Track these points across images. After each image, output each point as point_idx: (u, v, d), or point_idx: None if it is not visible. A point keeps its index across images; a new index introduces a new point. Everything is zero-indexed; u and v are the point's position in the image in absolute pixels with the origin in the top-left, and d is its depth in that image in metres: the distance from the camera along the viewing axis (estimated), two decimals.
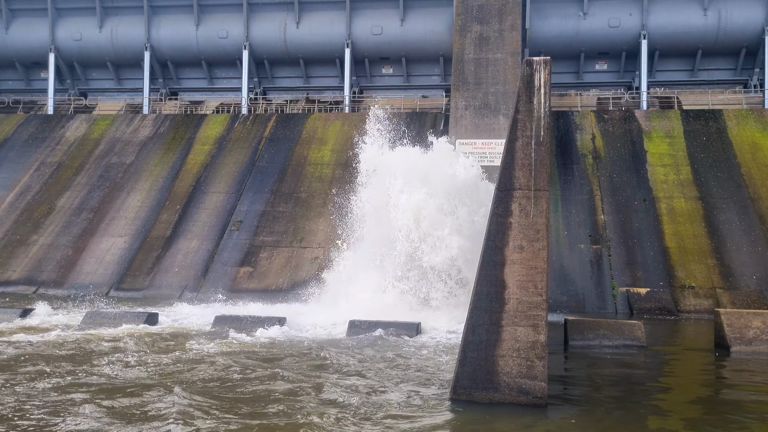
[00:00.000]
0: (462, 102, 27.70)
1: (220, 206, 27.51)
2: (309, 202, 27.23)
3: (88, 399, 8.25)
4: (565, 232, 24.92)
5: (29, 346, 12.31)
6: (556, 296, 22.86)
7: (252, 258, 25.35)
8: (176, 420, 7.30)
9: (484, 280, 8.08)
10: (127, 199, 28.27)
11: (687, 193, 25.39)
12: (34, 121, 33.36)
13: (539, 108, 8.02)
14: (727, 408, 8.91)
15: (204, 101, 35.20)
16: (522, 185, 8.01)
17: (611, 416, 8.05)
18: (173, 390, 8.62)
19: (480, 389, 8.00)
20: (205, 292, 23.79)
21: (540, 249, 7.96)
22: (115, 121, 32.69)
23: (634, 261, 23.59)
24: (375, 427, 7.29)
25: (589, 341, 13.84)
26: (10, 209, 28.45)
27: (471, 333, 8.07)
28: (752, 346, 12.95)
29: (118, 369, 10.24)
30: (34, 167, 30.47)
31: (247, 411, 7.88)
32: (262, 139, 30.45)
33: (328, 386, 9.25)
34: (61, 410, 7.72)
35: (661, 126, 28.16)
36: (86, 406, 7.85)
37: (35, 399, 8.25)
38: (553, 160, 27.63)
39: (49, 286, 24.77)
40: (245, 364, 10.95)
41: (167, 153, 30.36)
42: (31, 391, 8.65)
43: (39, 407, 7.84)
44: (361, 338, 14.17)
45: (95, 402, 8.08)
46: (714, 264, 23.04)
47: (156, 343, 12.98)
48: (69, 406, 7.93)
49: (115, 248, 26.18)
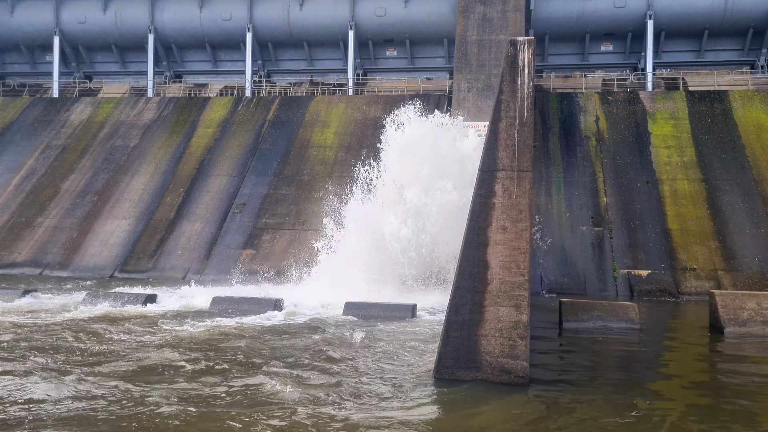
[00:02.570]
0: (465, 84, 27.60)
1: (224, 189, 27.64)
2: (312, 185, 27.30)
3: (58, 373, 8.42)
4: (567, 214, 24.88)
5: (24, 326, 12.51)
6: (557, 278, 22.91)
7: (255, 240, 25.50)
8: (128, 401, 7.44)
9: (467, 261, 8.13)
10: (131, 182, 28.45)
11: (690, 175, 25.24)
12: (40, 105, 33.53)
13: (523, 88, 8.00)
14: (714, 387, 8.96)
15: (208, 84, 35.22)
16: (505, 166, 8.02)
17: (593, 395, 8.12)
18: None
19: (463, 368, 8.08)
20: (209, 274, 24.03)
21: (523, 229, 7.98)
22: (119, 104, 32.81)
23: (636, 243, 23.54)
24: (357, 404, 7.39)
25: (584, 322, 13.88)
26: (16, 192, 28.71)
27: (454, 313, 8.14)
28: (746, 328, 12.95)
29: (91, 345, 10.41)
30: (39, 150, 30.68)
31: (231, 385, 8.00)
32: (266, 122, 30.49)
33: (314, 365, 9.38)
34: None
35: (666, 107, 27.95)
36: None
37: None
38: (556, 142, 27.54)
39: (54, 268, 25.04)
40: (236, 344, 11.09)
41: (171, 136, 30.47)
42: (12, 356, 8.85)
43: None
44: (356, 319, 14.29)
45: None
46: (716, 246, 22.96)
47: (148, 324, 13.14)
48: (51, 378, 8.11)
49: (119, 230, 26.40)
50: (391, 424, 6.74)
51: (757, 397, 8.31)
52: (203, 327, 12.84)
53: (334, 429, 6.52)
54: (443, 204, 19.78)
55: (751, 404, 7.93)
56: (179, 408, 7.12)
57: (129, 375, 8.65)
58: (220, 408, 7.19)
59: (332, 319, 14.44)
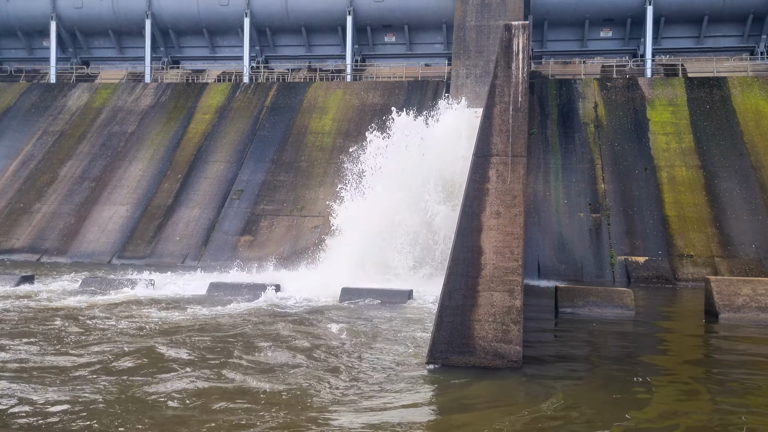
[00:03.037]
0: (463, 70, 27.50)
1: (222, 175, 27.62)
2: (309, 171, 27.28)
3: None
4: (565, 201, 24.89)
5: (20, 311, 12.54)
6: (554, 264, 22.95)
7: (253, 227, 25.52)
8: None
9: (460, 246, 8.14)
10: (129, 168, 28.42)
11: (688, 161, 25.23)
12: (37, 90, 33.43)
13: (517, 73, 7.98)
14: (708, 367, 9.00)
15: (206, 70, 35.09)
16: (499, 151, 8.01)
17: (587, 378, 8.16)
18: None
19: (456, 353, 8.11)
20: (206, 260, 24.07)
21: (516, 215, 7.99)
22: (116, 90, 32.70)
23: (634, 230, 23.57)
24: (349, 388, 7.43)
25: (579, 308, 13.92)
26: (13, 178, 28.68)
27: (447, 298, 8.16)
28: (740, 313, 12.99)
29: (79, 330, 10.45)
30: (36, 136, 30.62)
31: (222, 370, 8.05)
32: (264, 108, 30.41)
33: (307, 349, 9.41)
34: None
35: (665, 94, 27.88)
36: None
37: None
38: (554, 128, 27.50)
39: (53, 253, 25.08)
40: (230, 329, 11.13)
41: (169, 122, 30.40)
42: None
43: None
44: (352, 305, 14.33)
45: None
46: (713, 233, 22.99)
47: (143, 309, 13.17)
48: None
49: (117, 217, 26.41)
50: (384, 407, 6.78)
51: (750, 376, 8.38)
52: (198, 312, 12.87)
53: (325, 413, 6.56)
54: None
55: (745, 381, 7.99)
56: (164, 395, 7.16)
57: (119, 360, 8.68)
58: (213, 393, 7.22)
59: (328, 304, 14.48)
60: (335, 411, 6.64)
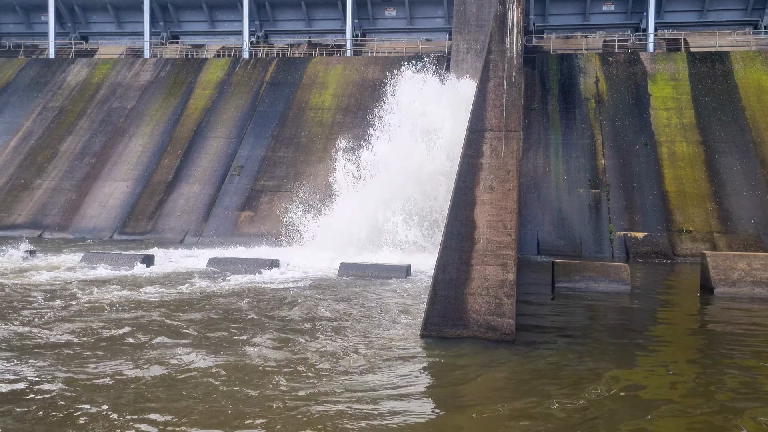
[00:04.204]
0: (463, 45, 27.31)
1: (222, 151, 27.62)
2: (309, 147, 27.26)
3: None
4: (564, 177, 24.88)
5: (20, 286, 12.67)
6: (553, 240, 23.02)
7: (253, 202, 25.58)
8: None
9: (454, 221, 8.19)
10: (129, 144, 28.42)
11: (689, 137, 25.15)
12: (36, 66, 33.30)
13: (512, 48, 7.96)
14: (697, 340, 9.12)
15: (205, 45, 34.89)
16: (493, 126, 8.03)
17: (579, 351, 8.26)
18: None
19: (449, 326, 8.21)
20: (207, 236, 24.19)
21: (510, 189, 8.03)
22: (116, 65, 32.57)
23: (633, 205, 23.59)
24: (343, 361, 7.54)
25: (576, 283, 14.01)
26: (14, 153, 28.71)
27: (441, 272, 8.24)
28: (735, 288, 13.08)
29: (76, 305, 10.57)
30: (36, 112, 30.57)
31: (219, 343, 8.16)
32: (263, 83, 30.29)
33: (304, 323, 9.53)
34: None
35: (667, 69, 27.70)
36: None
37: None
38: (555, 104, 27.38)
39: (54, 229, 25.20)
40: (228, 303, 11.25)
41: (168, 97, 30.31)
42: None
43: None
44: (350, 279, 14.44)
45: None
46: (713, 208, 23.01)
47: (142, 284, 13.30)
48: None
49: (117, 192, 26.48)
50: (378, 379, 6.89)
51: (743, 343, 8.50)
52: (198, 287, 12.99)
53: (318, 386, 6.67)
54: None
55: (735, 349, 8.09)
56: (163, 370, 7.28)
57: (115, 333, 8.80)
58: (212, 366, 7.34)
59: (326, 279, 14.59)
60: (329, 382, 6.75)
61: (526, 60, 28.68)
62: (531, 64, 28.67)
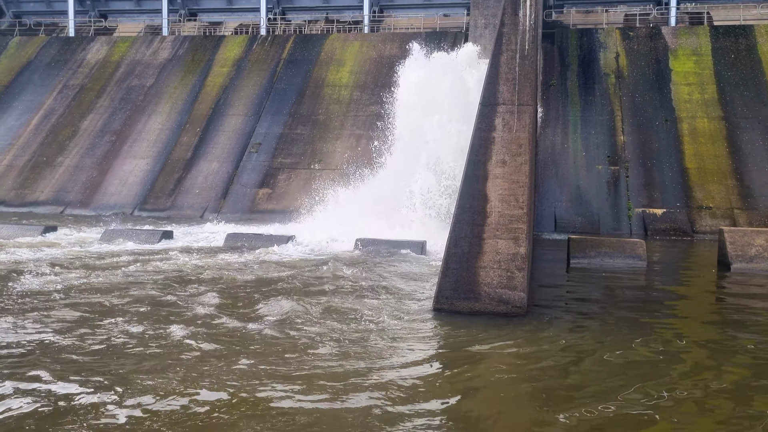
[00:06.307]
0: (482, 20, 27.06)
1: (239, 128, 27.75)
2: (327, 125, 27.29)
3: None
4: (583, 153, 24.70)
5: (40, 259, 12.95)
6: (571, 217, 22.94)
7: (271, 179, 25.74)
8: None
9: (466, 194, 8.23)
10: (148, 122, 28.65)
11: (711, 112, 24.79)
12: (56, 44, 33.56)
13: (525, 20, 7.91)
14: (710, 313, 9.11)
15: (223, 22, 34.89)
16: (506, 100, 8.01)
17: (588, 325, 8.31)
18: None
19: (461, 299, 8.29)
20: (225, 213, 24.43)
21: (522, 163, 8.03)
22: (134, 43, 32.73)
23: (652, 182, 23.39)
24: (355, 333, 7.66)
25: (591, 259, 14.00)
26: (36, 131, 29.10)
27: (453, 245, 8.29)
28: (753, 264, 12.99)
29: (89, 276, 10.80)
30: (57, 90, 30.89)
31: (231, 317, 8.32)
32: (281, 60, 30.28)
33: (319, 296, 9.66)
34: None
35: (689, 43, 27.23)
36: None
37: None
38: (574, 80, 27.09)
39: (76, 206, 25.60)
40: (245, 277, 11.42)
41: (186, 75, 30.45)
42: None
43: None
44: (366, 255, 14.55)
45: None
46: (733, 184, 22.75)
47: (162, 259, 13.52)
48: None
49: (138, 170, 26.78)
50: (390, 351, 7.00)
51: (758, 318, 8.48)
52: (216, 262, 13.19)
53: (329, 356, 6.79)
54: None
55: (747, 321, 8.08)
56: (179, 340, 7.44)
57: (136, 306, 9.00)
58: (226, 341, 7.50)
59: (342, 254, 14.72)
60: (338, 354, 6.87)
61: (545, 35, 28.35)
62: (550, 39, 28.34)
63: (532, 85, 8.01)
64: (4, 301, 9.01)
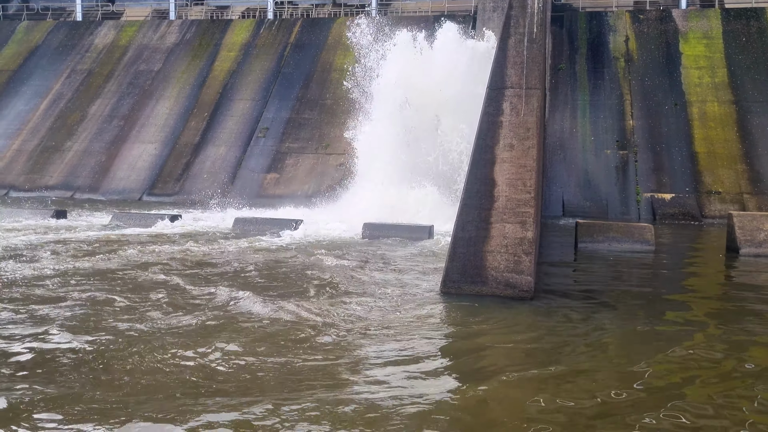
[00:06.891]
0: (490, 3, 26.87)
1: (247, 113, 27.75)
2: (334, 109, 27.23)
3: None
4: (591, 138, 24.58)
5: (50, 242, 13.05)
6: (579, 202, 22.89)
7: (278, 164, 25.78)
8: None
9: (474, 178, 8.22)
10: (156, 107, 28.69)
11: (721, 96, 24.59)
12: (64, 28, 33.57)
13: (533, 3, 7.86)
14: (719, 302, 9.11)
15: (230, 6, 34.73)
16: (513, 83, 7.98)
17: (594, 308, 8.32)
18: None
19: (468, 283, 8.31)
20: (233, 197, 24.44)
21: (530, 147, 8.01)
22: (142, 28, 32.69)
23: (661, 166, 23.28)
24: (364, 315, 7.71)
25: (599, 243, 13.98)
26: (44, 116, 29.19)
27: (461, 229, 8.30)
28: (762, 248, 12.94)
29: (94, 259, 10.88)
30: (65, 75, 30.94)
31: (238, 301, 8.39)
32: (288, 45, 30.19)
33: (326, 280, 9.71)
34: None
35: (699, 26, 26.96)
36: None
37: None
38: (583, 63, 26.90)
39: (85, 191, 25.75)
40: (252, 260, 11.48)
41: (194, 60, 30.42)
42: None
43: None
44: (373, 239, 14.58)
45: None
46: (743, 169, 22.61)
47: (168, 243, 13.60)
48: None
49: (146, 155, 26.86)
50: (397, 333, 7.04)
51: (761, 303, 8.47)
52: (224, 247, 13.25)
53: (337, 339, 6.84)
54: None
55: (754, 306, 8.08)
56: (191, 320, 7.50)
57: (145, 292, 9.08)
58: (240, 321, 7.56)
59: (349, 238, 14.76)
60: (346, 338, 6.92)
61: (554, 18, 28.09)
62: (559, 22, 28.10)
63: (541, 68, 7.97)
64: (14, 283, 9.11)
